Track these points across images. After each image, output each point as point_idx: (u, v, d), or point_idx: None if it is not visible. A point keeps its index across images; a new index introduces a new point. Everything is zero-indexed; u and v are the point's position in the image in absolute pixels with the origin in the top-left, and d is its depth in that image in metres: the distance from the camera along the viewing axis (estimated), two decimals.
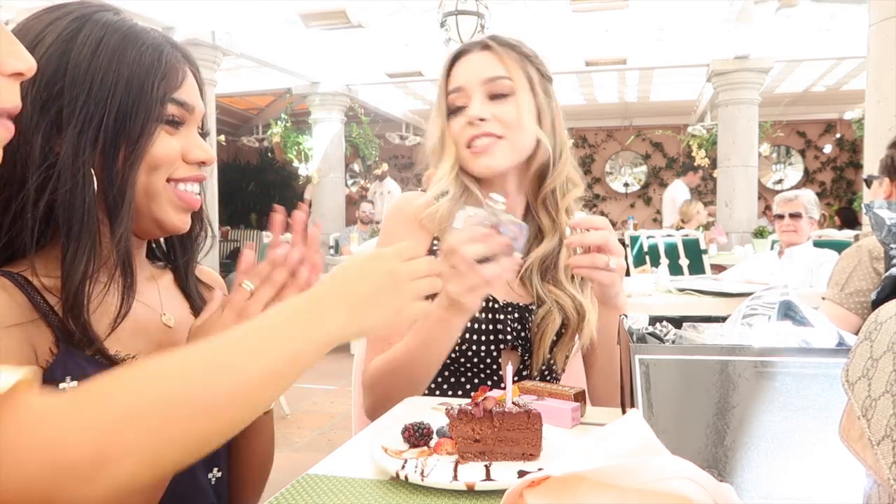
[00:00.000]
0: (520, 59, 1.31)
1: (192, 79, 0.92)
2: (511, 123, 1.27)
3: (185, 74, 0.90)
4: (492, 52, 1.30)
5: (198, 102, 0.92)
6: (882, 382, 0.47)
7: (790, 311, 0.86)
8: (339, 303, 0.71)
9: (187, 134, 0.91)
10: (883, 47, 3.80)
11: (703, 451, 0.69)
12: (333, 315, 0.69)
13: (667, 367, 0.72)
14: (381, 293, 0.74)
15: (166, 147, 0.88)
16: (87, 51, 0.82)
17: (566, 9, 6.31)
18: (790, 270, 3.59)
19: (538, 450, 0.82)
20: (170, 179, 0.89)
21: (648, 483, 0.45)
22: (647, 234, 5.84)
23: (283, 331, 0.66)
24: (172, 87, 0.88)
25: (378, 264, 0.76)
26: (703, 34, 7.49)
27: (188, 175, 0.91)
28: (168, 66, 0.88)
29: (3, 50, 0.59)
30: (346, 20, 6.79)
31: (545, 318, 1.29)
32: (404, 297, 0.76)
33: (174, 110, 0.88)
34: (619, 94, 11.32)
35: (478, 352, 1.27)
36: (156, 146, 0.87)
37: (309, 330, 0.67)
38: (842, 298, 2.05)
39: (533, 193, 1.35)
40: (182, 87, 0.90)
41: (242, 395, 0.61)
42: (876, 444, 0.46)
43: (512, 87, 1.28)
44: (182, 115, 0.90)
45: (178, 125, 0.90)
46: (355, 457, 0.85)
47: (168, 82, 0.87)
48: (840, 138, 13.04)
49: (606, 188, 14.10)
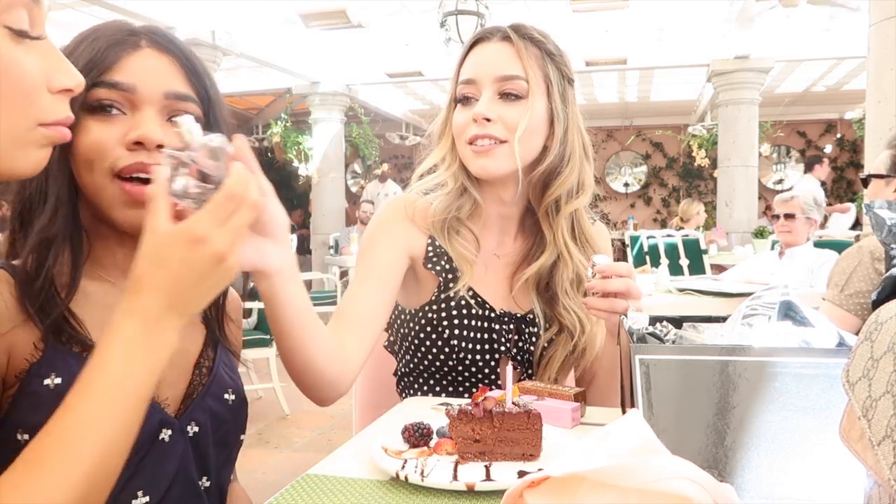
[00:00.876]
0: (540, 58, 1.22)
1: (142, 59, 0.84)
2: (514, 129, 1.18)
3: (125, 54, 0.83)
4: (512, 46, 1.21)
5: (144, 81, 0.83)
6: (882, 383, 0.47)
7: (790, 311, 0.86)
8: (170, 312, 0.67)
9: (134, 118, 0.83)
10: (883, 47, 3.80)
11: (703, 451, 0.69)
12: (169, 333, 0.67)
13: (667, 367, 0.72)
14: (208, 279, 0.68)
15: (92, 135, 0.81)
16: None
17: (566, 9, 6.31)
18: (790, 271, 3.59)
19: (538, 450, 0.82)
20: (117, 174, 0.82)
21: (648, 483, 0.45)
22: (647, 234, 5.83)
23: (128, 380, 0.64)
24: (98, 71, 0.82)
25: (201, 249, 0.67)
26: (703, 34, 7.49)
27: (131, 163, 0.82)
28: (100, 50, 0.82)
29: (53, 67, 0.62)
30: (346, 20, 6.79)
31: (554, 341, 1.25)
32: (230, 266, 0.69)
33: (102, 94, 0.82)
34: (619, 94, 11.32)
35: (474, 360, 1.24)
36: (82, 139, 0.81)
37: (148, 364, 0.66)
38: (841, 300, 2.05)
39: (537, 200, 1.28)
40: (115, 68, 0.82)
41: (118, 454, 0.64)
42: (876, 444, 0.46)
43: (526, 90, 1.19)
44: (116, 98, 0.82)
45: (109, 109, 0.82)
46: (355, 457, 0.85)
47: (95, 66, 0.81)
48: (840, 138, 13.04)
49: (606, 188, 14.09)
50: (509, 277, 1.30)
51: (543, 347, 1.25)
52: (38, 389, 0.78)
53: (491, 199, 1.28)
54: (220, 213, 0.68)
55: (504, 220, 1.31)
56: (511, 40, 1.21)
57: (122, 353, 0.65)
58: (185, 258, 0.67)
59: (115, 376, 0.64)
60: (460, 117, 1.22)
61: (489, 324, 1.24)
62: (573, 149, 1.25)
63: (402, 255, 1.24)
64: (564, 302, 1.25)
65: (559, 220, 1.25)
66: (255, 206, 0.71)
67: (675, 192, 13.88)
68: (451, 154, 1.26)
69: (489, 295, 1.25)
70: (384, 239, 1.25)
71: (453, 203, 1.25)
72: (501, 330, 1.24)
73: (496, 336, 1.24)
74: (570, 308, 1.25)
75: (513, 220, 1.31)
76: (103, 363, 0.65)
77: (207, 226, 0.67)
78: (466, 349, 1.23)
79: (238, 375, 1.00)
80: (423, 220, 1.27)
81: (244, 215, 0.70)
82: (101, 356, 0.65)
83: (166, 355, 0.67)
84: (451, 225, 1.26)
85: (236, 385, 0.98)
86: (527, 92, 1.19)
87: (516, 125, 1.18)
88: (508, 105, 1.19)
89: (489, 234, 1.30)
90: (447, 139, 1.26)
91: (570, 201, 1.25)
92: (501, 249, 1.31)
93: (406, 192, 1.33)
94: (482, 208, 1.27)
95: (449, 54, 5.52)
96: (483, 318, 1.24)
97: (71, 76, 0.63)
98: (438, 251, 1.26)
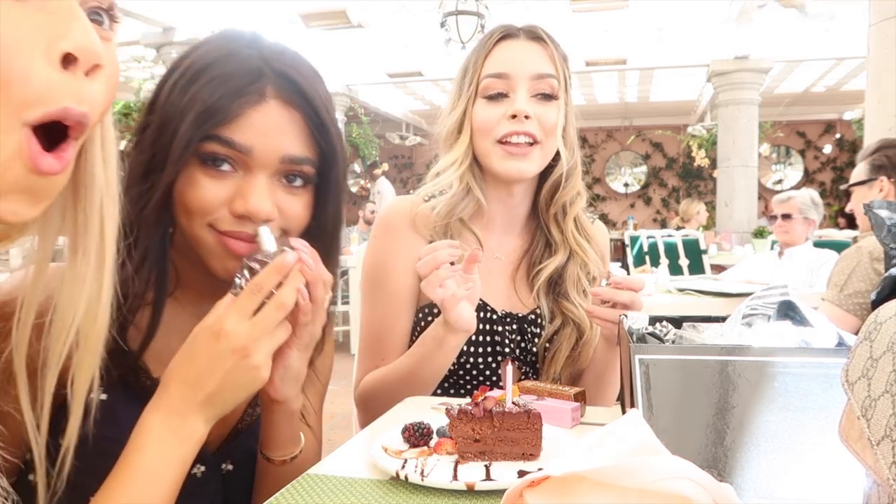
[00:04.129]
0: (562, 60, 1.22)
1: (264, 116, 0.77)
2: (550, 129, 1.18)
3: (248, 109, 0.76)
4: (542, 46, 1.20)
5: (263, 143, 0.77)
6: (882, 382, 0.47)
7: (790, 311, 0.86)
8: (194, 409, 0.69)
9: (245, 181, 0.78)
10: (883, 47, 3.80)
11: (703, 451, 0.69)
12: (194, 424, 0.69)
13: (667, 367, 0.72)
14: (231, 375, 0.69)
15: (199, 189, 0.77)
16: (167, 87, 0.80)
17: (566, 9, 6.32)
18: (790, 271, 3.59)
19: (538, 450, 0.82)
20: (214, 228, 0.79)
21: (648, 483, 0.45)
22: (647, 234, 5.83)
23: (157, 474, 0.67)
24: (216, 122, 0.76)
25: (222, 344, 0.68)
26: (703, 34, 7.49)
27: (230, 230, 0.78)
28: (221, 98, 0.76)
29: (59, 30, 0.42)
30: (346, 20, 6.79)
31: (558, 334, 1.24)
32: (255, 366, 0.70)
33: (217, 149, 0.76)
34: (619, 94, 11.32)
35: (476, 364, 1.23)
36: (187, 189, 0.77)
37: (178, 455, 0.68)
38: (841, 300, 2.05)
39: (545, 205, 1.28)
40: (234, 124, 0.76)
41: None
42: (875, 444, 0.46)
43: (557, 90, 1.19)
44: (230, 156, 0.77)
45: (221, 164, 0.77)
46: (355, 457, 0.85)
47: (213, 115, 0.75)
48: (840, 138, 13.04)
49: (606, 188, 14.10)
50: (510, 278, 1.30)
51: (546, 344, 1.25)
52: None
53: (497, 200, 1.27)
54: (244, 306, 0.70)
55: (508, 221, 1.30)
56: (542, 40, 1.21)
57: (154, 445, 0.67)
58: (209, 352, 0.68)
59: (149, 471, 0.67)
60: (489, 113, 1.18)
61: (492, 326, 1.23)
62: (578, 152, 1.27)
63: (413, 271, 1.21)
64: (574, 298, 1.25)
65: (568, 222, 1.26)
66: (284, 306, 0.71)
67: (675, 192, 13.88)
68: (465, 152, 1.22)
69: (491, 297, 1.25)
70: (395, 263, 1.23)
71: (457, 205, 1.23)
72: (504, 332, 1.23)
73: (499, 338, 1.23)
74: (580, 304, 1.25)
75: (516, 220, 1.30)
76: (140, 452, 0.67)
77: (230, 320, 0.69)
78: (468, 353, 1.22)
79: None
80: (424, 225, 1.24)
81: (271, 313, 0.70)
82: (139, 444, 0.68)
83: (196, 444, 0.69)
84: (453, 228, 1.24)
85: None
86: (557, 92, 1.19)
87: (551, 125, 1.17)
88: (543, 104, 1.18)
89: (491, 236, 1.29)
90: (465, 135, 1.21)
91: (574, 204, 1.27)
92: (502, 250, 1.31)
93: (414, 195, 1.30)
94: (485, 209, 1.26)
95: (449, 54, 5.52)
96: (485, 320, 1.23)
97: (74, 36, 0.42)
98: None
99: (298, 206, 0.83)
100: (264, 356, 0.70)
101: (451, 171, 1.22)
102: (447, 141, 1.24)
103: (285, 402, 0.82)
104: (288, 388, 0.81)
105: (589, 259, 1.27)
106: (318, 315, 0.78)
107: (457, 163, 1.22)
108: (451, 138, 1.23)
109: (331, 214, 0.87)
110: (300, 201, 0.83)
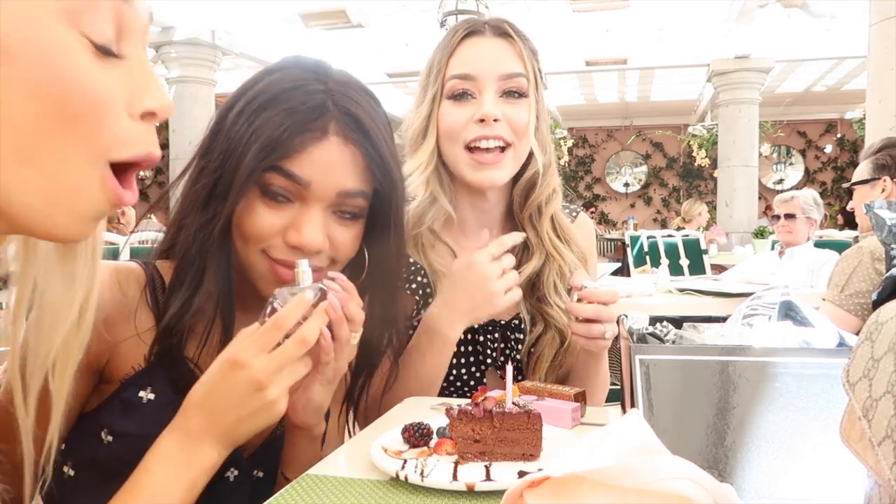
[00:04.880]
0: (531, 55, 1.16)
1: (325, 152, 0.80)
2: (521, 130, 1.13)
3: (310, 145, 0.79)
4: (510, 43, 1.14)
5: (322, 178, 0.80)
6: (883, 383, 0.47)
7: (791, 311, 0.86)
8: (208, 436, 0.69)
9: (301, 212, 0.81)
10: (883, 47, 3.80)
11: (703, 451, 0.69)
12: (207, 451, 0.70)
13: (667, 368, 0.72)
14: (246, 407, 0.70)
15: (256, 218, 0.80)
16: (234, 113, 0.83)
17: (566, 9, 6.31)
18: (791, 271, 3.59)
19: (538, 450, 0.82)
20: (267, 254, 0.82)
21: (648, 483, 0.45)
22: (647, 234, 5.83)
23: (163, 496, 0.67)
24: (279, 155, 0.79)
25: (239, 375, 0.69)
26: (703, 34, 7.50)
27: (281, 258, 0.81)
28: (285, 131, 0.78)
29: (138, 88, 0.51)
30: (346, 20, 6.80)
31: (541, 339, 1.20)
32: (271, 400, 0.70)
33: (277, 181, 0.80)
34: (619, 94, 11.32)
35: (460, 374, 1.19)
36: (245, 216, 0.80)
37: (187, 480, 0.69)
38: (841, 300, 2.05)
39: (519, 206, 1.22)
40: (295, 158, 0.79)
41: None
42: (877, 444, 0.46)
43: (527, 88, 1.13)
44: (289, 189, 0.80)
45: (280, 197, 0.80)
46: (355, 457, 0.85)
47: (277, 148, 0.78)
48: (841, 138, 13.05)
49: (606, 188, 14.10)
50: None
51: (531, 348, 1.21)
52: (133, 399, 0.81)
53: (470, 205, 1.22)
54: (263, 340, 0.71)
55: (483, 225, 1.21)
56: (509, 36, 1.15)
57: (164, 467, 0.68)
58: (227, 381, 0.69)
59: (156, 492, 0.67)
60: (456, 115, 1.13)
61: (473, 336, 1.19)
62: (551, 149, 1.22)
63: None
64: (554, 301, 1.20)
65: (543, 223, 1.21)
66: (305, 342, 0.72)
67: (676, 192, 13.89)
68: (430, 156, 1.16)
69: None
70: None
71: (425, 214, 1.17)
72: (486, 341, 1.20)
73: (481, 348, 1.19)
74: (560, 307, 1.20)
75: (493, 223, 1.24)
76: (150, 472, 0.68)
77: (249, 352, 0.70)
78: (452, 364, 1.17)
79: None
80: None
81: (290, 349, 0.71)
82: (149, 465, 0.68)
83: (207, 471, 0.70)
84: (424, 239, 1.19)
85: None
86: (527, 91, 1.14)
87: (522, 125, 1.12)
88: (512, 104, 1.13)
89: (466, 241, 1.23)
90: (431, 138, 1.15)
91: (549, 203, 1.22)
92: None
93: None
94: (454, 218, 1.20)
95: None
96: (467, 330, 1.17)
97: (155, 96, 0.52)
98: (412, 268, 1.19)
99: (348, 237, 0.86)
100: (280, 391, 0.71)
101: (415, 176, 1.16)
102: (413, 144, 1.19)
103: (307, 429, 0.84)
104: (310, 418, 0.83)
105: (566, 262, 1.22)
106: (342, 353, 0.80)
107: (421, 167, 1.16)
108: (417, 142, 1.18)
109: (387, 245, 0.89)
110: (351, 232, 0.86)
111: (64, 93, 0.46)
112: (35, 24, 0.45)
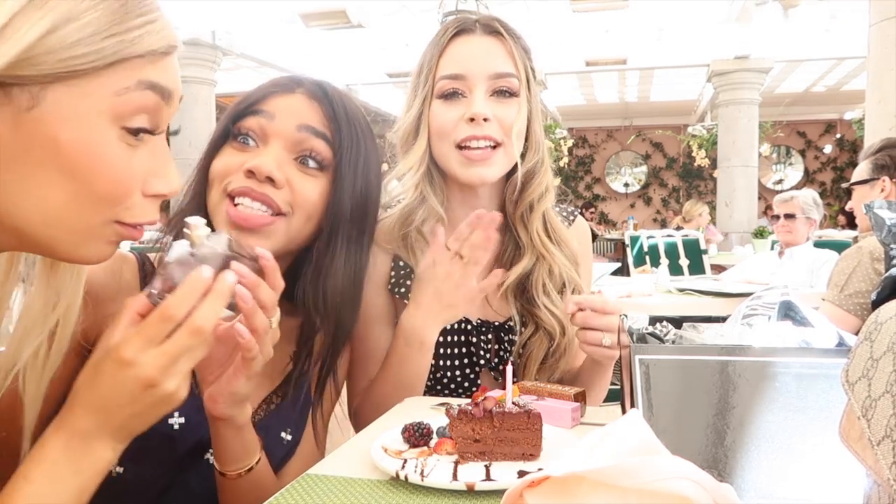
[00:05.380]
0: (523, 54, 1.16)
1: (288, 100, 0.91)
2: (511, 129, 1.12)
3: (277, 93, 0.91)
4: (500, 42, 1.14)
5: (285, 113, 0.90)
6: (882, 383, 0.47)
7: (790, 311, 0.86)
8: (101, 434, 0.62)
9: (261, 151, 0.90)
10: (883, 47, 3.80)
11: (703, 451, 0.69)
12: (100, 451, 0.62)
13: (667, 367, 0.72)
14: (139, 404, 0.62)
15: (223, 158, 0.90)
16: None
17: (566, 9, 6.31)
18: (790, 271, 3.59)
19: (538, 450, 0.82)
20: (228, 194, 0.89)
21: (648, 483, 0.45)
22: (647, 234, 5.83)
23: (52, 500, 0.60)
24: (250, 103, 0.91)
25: (127, 373, 0.61)
26: (703, 34, 7.50)
27: (238, 186, 0.88)
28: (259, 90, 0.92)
29: (155, 169, 0.62)
30: (346, 20, 6.80)
31: (530, 340, 1.19)
32: (168, 394, 0.63)
33: (244, 122, 0.90)
34: (619, 94, 11.32)
35: (454, 377, 1.18)
36: (216, 163, 0.90)
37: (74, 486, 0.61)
38: (841, 300, 2.05)
39: (510, 205, 1.21)
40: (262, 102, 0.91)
41: None
42: (876, 444, 0.46)
43: (518, 88, 1.13)
44: (254, 129, 0.90)
45: (246, 139, 0.90)
46: (355, 457, 0.85)
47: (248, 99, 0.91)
48: (840, 138, 13.05)
49: (606, 188, 14.10)
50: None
51: (521, 350, 1.20)
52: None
53: (461, 203, 1.21)
54: (150, 334, 0.62)
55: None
56: (500, 34, 1.14)
57: (46, 472, 0.60)
58: (114, 379, 0.62)
59: (38, 495, 0.60)
60: (446, 115, 1.12)
61: (467, 337, 1.18)
62: (544, 148, 1.21)
63: (384, 290, 1.19)
64: (543, 303, 1.19)
65: (534, 222, 1.20)
66: (200, 332, 0.63)
67: (675, 192, 13.89)
68: (421, 157, 1.15)
69: None
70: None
71: (414, 213, 1.17)
72: (479, 342, 1.19)
73: (475, 349, 1.18)
74: (549, 309, 1.19)
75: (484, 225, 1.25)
76: (28, 480, 0.60)
77: (134, 348, 0.61)
78: (446, 367, 1.17)
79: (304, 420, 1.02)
80: (386, 239, 1.18)
81: (183, 341, 0.63)
82: (27, 471, 0.60)
83: (98, 473, 0.63)
84: (414, 239, 1.18)
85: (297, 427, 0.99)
86: (518, 90, 1.13)
87: (511, 125, 1.12)
88: (502, 103, 1.12)
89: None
90: (423, 139, 1.15)
91: (541, 200, 1.20)
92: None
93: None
94: (444, 219, 1.19)
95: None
96: (460, 332, 1.18)
97: (168, 182, 0.62)
98: (403, 271, 1.19)
99: (307, 187, 0.89)
100: (176, 383, 0.63)
101: (407, 178, 1.17)
102: (404, 144, 1.18)
103: (229, 419, 0.79)
104: (232, 409, 0.78)
105: (556, 263, 1.20)
106: (263, 343, 0.73)
107: (413, 168, 1.16)
108: (408, 142, 1.17)
109: (348, 202, 0.92)
110: (313, 184, 0.90)
111: (98, 178, 0.57)
112: (84, 120, 0.55)
